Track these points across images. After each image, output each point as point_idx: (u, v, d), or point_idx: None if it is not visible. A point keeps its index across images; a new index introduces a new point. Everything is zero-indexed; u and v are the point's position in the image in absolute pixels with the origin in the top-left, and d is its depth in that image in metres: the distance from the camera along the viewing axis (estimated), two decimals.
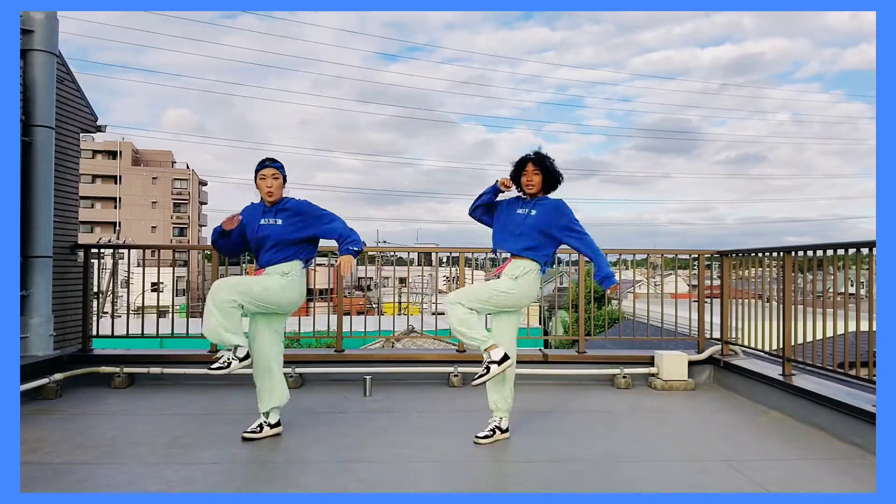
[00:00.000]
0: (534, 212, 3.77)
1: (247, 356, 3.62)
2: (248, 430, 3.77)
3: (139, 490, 2.95)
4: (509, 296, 3.72)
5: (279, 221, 3.74)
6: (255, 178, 3.80)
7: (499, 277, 3.79)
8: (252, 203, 3.93)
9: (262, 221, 3.77)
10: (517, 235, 3.77)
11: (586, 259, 5.88)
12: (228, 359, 3.58)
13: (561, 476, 3.23)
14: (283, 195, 3.84)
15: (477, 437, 3.75)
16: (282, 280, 3.70)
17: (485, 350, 3.66)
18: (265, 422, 3.80)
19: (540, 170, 3.78)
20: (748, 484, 3.08)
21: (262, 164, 3.79)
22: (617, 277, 3.94)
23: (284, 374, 4.01)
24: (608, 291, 3.81)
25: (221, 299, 3.51)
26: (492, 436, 3.76)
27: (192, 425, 4.08)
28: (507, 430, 3.83)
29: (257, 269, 3.81)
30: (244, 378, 5.53)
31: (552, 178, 3.82)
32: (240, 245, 3.93)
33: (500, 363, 3.63)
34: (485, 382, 3.67)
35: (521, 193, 3.91)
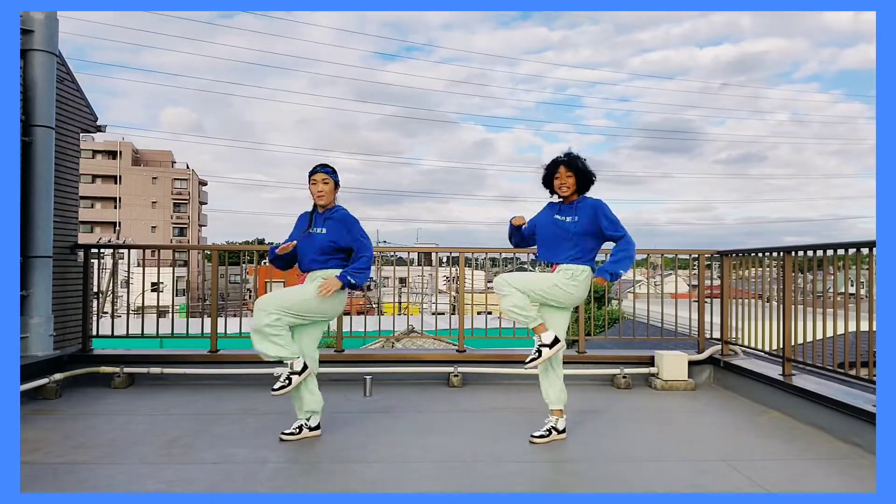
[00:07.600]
0: (577, 217, 3.72)
1: (304, 367, 3.69)
2: (287, 430, 3.78)
3: (139, 490, 2.96)
4: (564, 292, 3.69)
5: (324, 230, 3.77)
6: (308, 184, 3.84)
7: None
8: (305, 212, 3.96)
9: (309, 230, 3.82)
10: (561, 245, 3.71)
11: None
12: (288, 375, 3.64)
13: (561, 476, 3.23)
14: (336, 203, 3.89)
15: (533, 436, 3.74)
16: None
17: (534, 331, 3.69)
18: (305, 424, 3.81)
19: (572, 171, 3.74)
20: (748, 484, 3.08)
21: (314, 170, 3.83)
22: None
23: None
24: (596, 280, 3.75)
25: (265, 323, 3.56)
26: (548, 436, 3.74)
27: (192, 425, 4.08)
28: (563, 431, 3.80)
29: (300, 274, 3.86)
30: (244, 378, 5.52)
31: (585, 178, 3.77)
32: (295, 259, 3.95)
33: (551, 346, 3.65)
34: (537, 365, 3.69)
35: (557, 198, 3.85)
